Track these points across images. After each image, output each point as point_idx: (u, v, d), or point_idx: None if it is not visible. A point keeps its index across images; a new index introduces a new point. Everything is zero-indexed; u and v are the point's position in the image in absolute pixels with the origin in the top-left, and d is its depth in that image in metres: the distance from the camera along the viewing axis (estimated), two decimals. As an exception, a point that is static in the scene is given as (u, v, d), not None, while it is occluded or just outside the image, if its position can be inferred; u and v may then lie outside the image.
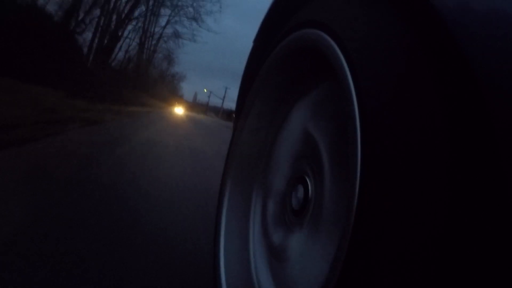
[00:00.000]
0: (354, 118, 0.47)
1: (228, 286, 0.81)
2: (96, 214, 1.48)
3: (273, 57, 0.85)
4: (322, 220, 0.63)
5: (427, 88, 0.41)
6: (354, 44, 0.52)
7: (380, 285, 0.39)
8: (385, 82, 0.45)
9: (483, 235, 0.35)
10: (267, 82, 0.90)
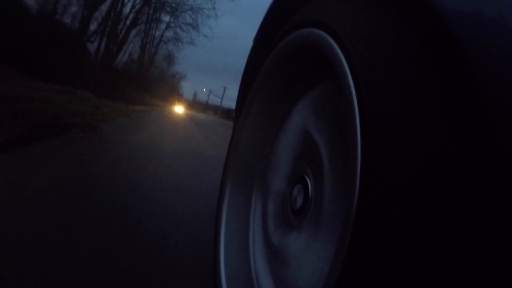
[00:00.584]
0: (354, 118, 0.47)
1: (228, 286, 0.81)
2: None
3: (273, 56, 0.85)
4: (322, 220, 0.63)
5: (427, 88, 0.41)
6: (354, 43, 0.52)
7: (380, 285, 0.39)
8: (385, 82, 0.45)
9: (483, 236, 0.35)
10: (267, 82, 0.90)
